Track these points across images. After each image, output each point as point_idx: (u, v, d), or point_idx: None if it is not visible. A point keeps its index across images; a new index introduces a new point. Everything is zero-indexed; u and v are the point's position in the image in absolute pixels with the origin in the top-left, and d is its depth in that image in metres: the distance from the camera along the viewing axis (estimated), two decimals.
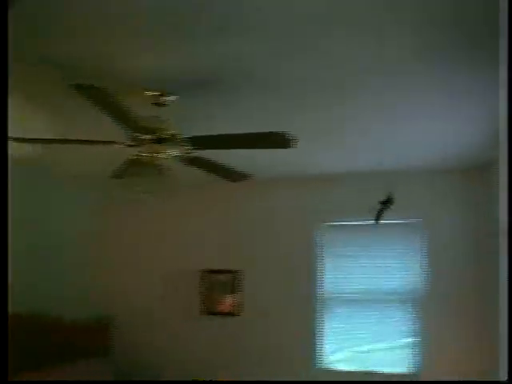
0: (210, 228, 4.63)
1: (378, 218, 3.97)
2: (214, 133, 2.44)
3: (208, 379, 4.26)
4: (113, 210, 4.87)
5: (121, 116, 2.08)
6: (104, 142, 2.41)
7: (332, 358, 4.21)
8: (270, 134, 2.26)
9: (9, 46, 1.43)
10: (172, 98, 2.57)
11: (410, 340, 3.98)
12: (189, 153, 2.54)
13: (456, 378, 3.66)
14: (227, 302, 4.48)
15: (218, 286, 4.48)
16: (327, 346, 4.21)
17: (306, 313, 4.24)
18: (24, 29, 1.83)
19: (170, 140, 2.40)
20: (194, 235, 4.66)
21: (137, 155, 2.44)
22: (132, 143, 2.39)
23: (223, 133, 2.44)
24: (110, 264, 4.82)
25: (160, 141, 2.39)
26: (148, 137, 2.34)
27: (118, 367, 4.33)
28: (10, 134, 1.56)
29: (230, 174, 2.88)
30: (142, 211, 4.79)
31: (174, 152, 2.49)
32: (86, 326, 4.45)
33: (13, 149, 3.52)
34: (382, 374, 3.98)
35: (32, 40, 1.97)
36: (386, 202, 3.94)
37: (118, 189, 2.92)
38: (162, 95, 2.53)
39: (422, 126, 3.04)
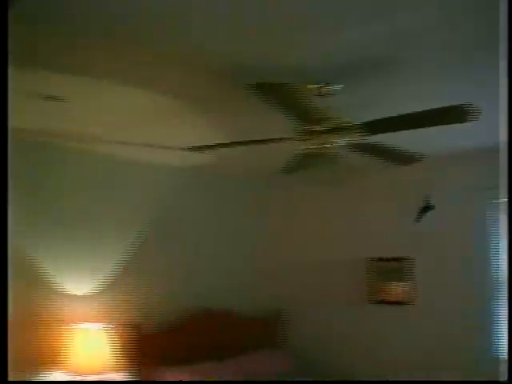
0: (375, 214, 4.52)
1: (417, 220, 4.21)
2: (379, 116, 2.36)
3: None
4: (284, 204, 5.00)
5: (298, 110, 2.09)
6: (274, 140, 2.45)
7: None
8: (451, 108, 2.10)
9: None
10: (337, 87, 2.53)
11: None
12: (358, 139, 2.48)
13: None
14: (397, 290, 4.35)
15: (386, 274, 4.38)
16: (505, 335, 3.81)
17: (480, 299, 3.89)
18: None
19: (341, 129, 2.36)
20: (361, 222, 4.59)
21: (307, 148, 2.45)
22: (302, 137, 2.39)
23: (389, 115, 2.34)
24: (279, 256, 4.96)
25: (330, 131, 2.36)
26: (319, 128, 2.33)
27: (293, 358, 4.44)
28: (180, 144, 1.64)
29: (401, 158, 2.75)
30: (309, 202, 4.86)
31: (344, 140, 2.45)
32: (257, 319, 4.63)
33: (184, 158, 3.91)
34: None
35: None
36: (426, 208, 4.17)
37: (292, 183, 2.98)
38: (325, 85, 2.51)
39: None
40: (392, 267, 4.35)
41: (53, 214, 3.57)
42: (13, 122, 3.13)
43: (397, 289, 4.34)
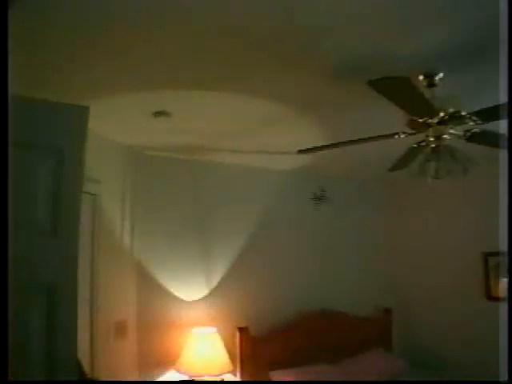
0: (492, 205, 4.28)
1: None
2: (494, 103, 2.25)
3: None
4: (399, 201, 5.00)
5: (410, 103, 2.05)
6: (387, 136, 2.42)
7: None
8: None
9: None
10: (440, 75, 2.46)
11: None
12: (473, 129, 2.39)
13: None
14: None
15: (500, 269, 4.16)
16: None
17: None
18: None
19: (455, 118, 2.28)
20: (479, 214, 4.41)
21: (422, 141, 2.39)
22: (417, 130, 2.34)
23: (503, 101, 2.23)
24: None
25: (445, 122, 2.29)
26: (434, 120, 2.27)
27: (408, 357, 4.35)
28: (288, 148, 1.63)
29: None
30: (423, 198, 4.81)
31: (458, 131, 2.37)
32: (369, 318, 4.59)
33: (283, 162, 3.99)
34: None
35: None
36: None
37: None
38: (431, 75, 2.44)
39: None
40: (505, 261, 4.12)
41: (166, 223, 3.75)
42: (126, 138, 3.38)
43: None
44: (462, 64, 2.39)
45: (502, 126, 2.42)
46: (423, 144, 2.42)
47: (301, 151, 2.60)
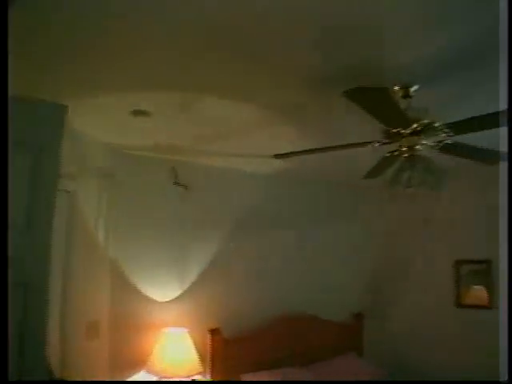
0: (467, 215, 4.44)
1: None
2: (468, 115, 2.33)
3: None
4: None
5: (386, 113, 2.10)
6: (362, 144, 2.47)
7: None
8: None
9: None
10: (415, 87, 2.53)
11: None
12: (445, 140, 2.46)
13: None
14: (479, 293, 4.24)
15: (471, 277, 4.28)
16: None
17: None
18: None
19: (428, 130, 2.35)
20: (451, 223, 4.53)
21: (395, 150, 2.45)
22: (390, 140, 2.40)
23: (478, 114, 2.31)
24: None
25: (417, 133, 2.36)
26: (407, 130, 2.33)
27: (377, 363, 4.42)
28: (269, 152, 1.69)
29: (489, 157, 2.70)
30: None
31: (431, 141, 2.44)
32: (341, 323, 4.64)
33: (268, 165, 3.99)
34: None
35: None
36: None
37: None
38: (407, 87, 2.51)
39: None
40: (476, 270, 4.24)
41: (141, 223, 3.73)
42: (105, 136, 3.37)
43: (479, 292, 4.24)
44: (438, 76, 2.46)
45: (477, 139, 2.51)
46: (396, 153, 2.48)
47: (277, 156, 2.63)
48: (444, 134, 2.37)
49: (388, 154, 2.54)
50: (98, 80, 2.43)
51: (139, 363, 3.51)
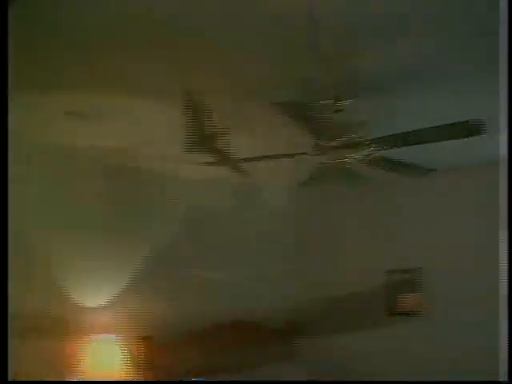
0: (397, 227, 4.60)
1: None
2: (396, 131, 2.43)
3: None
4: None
5: (316, 127, 2.17)
6: (295, 155, 2.54)
7: None
8: (458, 124, 2.18)
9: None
10: (348, 102, 2.61)
11: None
12: (373, 154, 2.55)
13: None
14: (409, 301, 4.44)
15: (400, 285, 4.46)
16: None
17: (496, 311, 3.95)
18: None
19: (357, 144, 2.44)
20: (381, 234, 4.66)
21: (324, 162, 2.53)
22: (320, 151, 2.47)
23: (404, 130, 2.42)
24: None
25: (345, 146, 2.44)
26: (334, 143, 2.41)
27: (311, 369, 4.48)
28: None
29: (414, 171, 2.84)
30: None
31: (360, 155, 2.52)
32: (278, 329, 4.67)
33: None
34: None
35: None
36: None
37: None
38: (338, 100, 2.59)
39: None
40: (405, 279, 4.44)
41: (75, 226, 3.64)
42: (42, 137, 3.28)
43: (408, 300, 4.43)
44: (371, 91, 2.57)
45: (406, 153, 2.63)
46: (328, 164, 2.55)
47: (211, 163, 2.65)
48: (371, 149, 2.46)
49: (320, 165, 2.61)
50: (36, 78, 2.39)
51: (66, 370, 3.41)
